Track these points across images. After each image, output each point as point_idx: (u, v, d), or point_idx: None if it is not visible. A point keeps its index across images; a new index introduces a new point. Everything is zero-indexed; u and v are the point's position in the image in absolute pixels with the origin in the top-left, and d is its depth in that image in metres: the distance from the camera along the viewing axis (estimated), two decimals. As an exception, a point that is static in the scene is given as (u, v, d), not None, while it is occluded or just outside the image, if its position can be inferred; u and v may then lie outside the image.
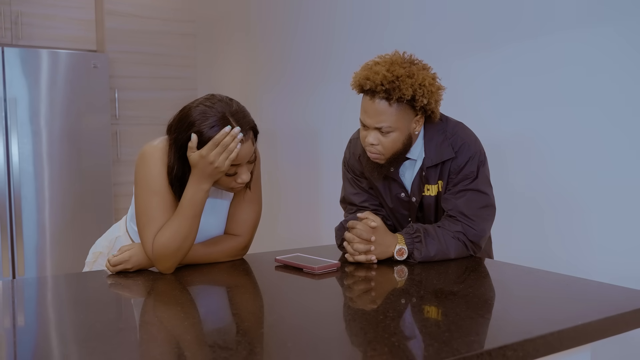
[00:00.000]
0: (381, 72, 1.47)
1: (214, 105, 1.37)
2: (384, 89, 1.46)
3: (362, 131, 1.57)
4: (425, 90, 1.48)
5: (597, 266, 1.98)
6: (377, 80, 1.46)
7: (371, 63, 1.53)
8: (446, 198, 1.59)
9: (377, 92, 1.48)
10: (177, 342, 0.97)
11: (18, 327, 1.05)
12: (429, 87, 1.49)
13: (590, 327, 1.04)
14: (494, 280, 1.38)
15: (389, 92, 1.46)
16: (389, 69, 1.48)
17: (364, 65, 1.54)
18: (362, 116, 1.54)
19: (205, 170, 1.36)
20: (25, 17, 3.99)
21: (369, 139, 1.54)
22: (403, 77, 1.46)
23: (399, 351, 0.89)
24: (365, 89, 1.50)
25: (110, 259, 1.42)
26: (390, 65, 1.49)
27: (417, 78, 1.47)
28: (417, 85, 1.47)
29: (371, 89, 1.48)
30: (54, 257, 3.87)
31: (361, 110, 1.54)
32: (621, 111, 1.89)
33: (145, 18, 4.34)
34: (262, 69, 4.00)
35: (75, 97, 3.89)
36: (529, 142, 2.19)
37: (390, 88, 1.46)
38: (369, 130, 1.53)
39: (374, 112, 1.50)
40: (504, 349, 0.91)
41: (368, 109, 1.51)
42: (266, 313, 1.13)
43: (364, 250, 1.51)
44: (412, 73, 1.47)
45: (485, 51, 2.35)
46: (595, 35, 1.95)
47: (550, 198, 2.13)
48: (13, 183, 3.70)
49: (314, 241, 3.46)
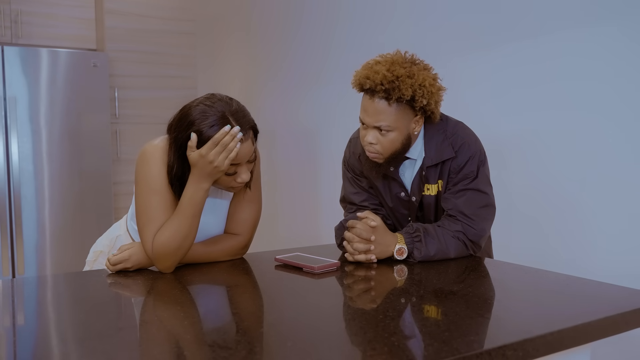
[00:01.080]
0: (381, 72, 1.47)
1: (213, 105, 1.37)
2: (384, 88, 1.46)
3: (361, 130, 1.57)
4: (425, 91, 1.48)
5: (597, 266, 1.98)
6: (377, 80, 1.46)
7: (372, 62, 1.53)
8: (446, 197, 1.59)
9: (376, 92, 1.48)
10: (176, 341, 0.97)
11: (18, 326, 1.05)
12: (429, 88, 1.49)
13: (590, 326, 1.04)
14: (493, 280, 1.38)
15: (388, 92, 1.46)
16: (390, 68, 1.48)
17: (364, 64, 1.54)
18: (361, 115, 1.54)
19: (205, 170, 1.36)
20: (25, 16, 3.98)
21: (367, 138, 1.54)
22: (403, 77, 1.46)
23: (399, 351, 0.89)
24: (365, 88, 1.50)
25: (110, 258, 1.42)
26: (390, 65, 1.49)
27: (417, 78, 1.47)
28: (417, 85, 1.47)
29: (371, 88, 1.48)
30: (54, 256, 3.87)
31: (361, 109, 1.54)
32: (622, 111, 1.89)
33: (145, 17, 4.34)
34: (262, 68, 4.00)
35: (75, 96, 3.89)
36: (529, 142, 2.19)
37: (390, 88, 1.46)
38: (368, 129, 1.54)
39: (373, 111, 1.50)
40: (503, 349, 0.91)
41: (367, 108, 1.51)
42: (266, 312, 1.13)
43: (364, 249, 1.51)
44: (413, 73, 1.47)
45: (485, 50, 2.35)
46: (596, 35, 1.95)
47: (550, 198, 2.13)
48: (13, 182, 3.70)
49: (314, 240, 3.46)
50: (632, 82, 1.86)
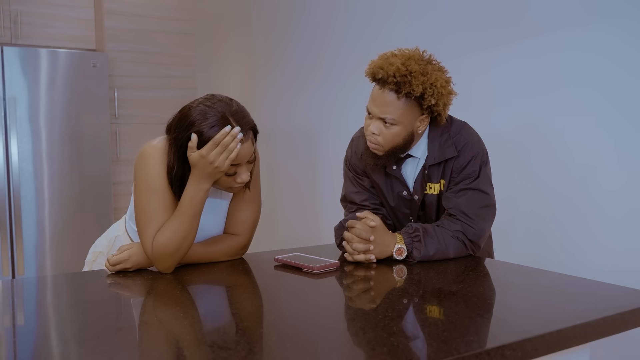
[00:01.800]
0: (395, 64, 1.48)
1: (213, 105, 1.38)
2: (395, 81, 1.47)
3: (366, 119, 1.58)
4: (435, 91, 1.48)
5: (597, 265, 1.98)
6: (390, 71, 1.47)
7: (389, 54, 1.54)
8: (447, 196, 1.60)
9: (387, 83, 1.48)
10: (176, 341, 0.97)
11: (17, 326, 1.05)
12: (440, 89, 1.49)
13: (589, 326, 1.04)
14: (493, 280, 1.38)
15: (399, 85, 1.47)
16: (405, 62, 1.49)
17: (381, 55, 1.55)
18: (369, 104, 1.55)
19: (205, 170, 1.36)
20: (24, 17, 3.98)
21: (371, 127, 1.54)
22: (416, 73, 1.47)
23: (398, 351, 0.89)
24: (377, 78, 1.51)
25: (109, 258, 1.42)
26: (406, 59, 1.50)
27: (429, 77, 1.48)
28: (428, 84, 1.47)
29: (383, 78, 1.49)
30: (54, 256, 3.87)
31: (370, 97, 1.55)
32: (624, 110, 1.89)
33: (144, 17, 4.34)
34: (261, 68, 4.00)
35: (74, 97, 3.89)
36: (530, 142, 2.19)
37: (401, 81, 1.47)
38: (373, 119, 1.54)
39: (381, 102, 1.51)
40: (502, 349, 0.91)
41: (376, 98, 1.52)
42: (265, 313, 1.13)
43: (363, 249, 1.51)
44: (426, 71, 1.48)
45: (487, 49, 2.35)
46: (602, 34, 1.95)
47: (551, 198, 2.13)
48: (12, 182, 3.70)
49: (313, 240, 3.46)
50: (635, 80, 1.86)
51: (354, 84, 3.07)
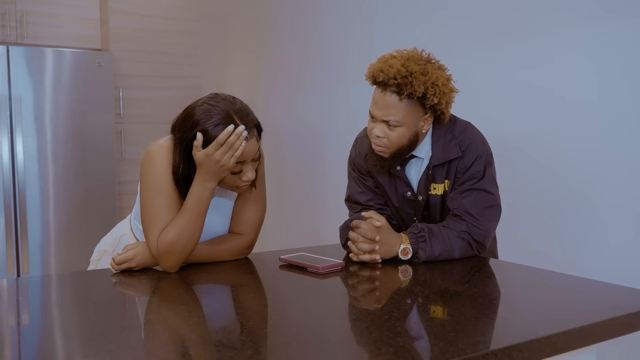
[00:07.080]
0: (395, 66, 1.47)
1: (217, 104, 1.38)
2: (396, 83, 1.46)
3: (369, 122, 1.57)
4: (437, 90, 1.48)
5: (603, 266, 1.97)
6: (390, 74, 1.47)
7: (388, 56, 1.54)
8: (452, 197, 1.59)
9: (388, 85, 1.48)
10: (181, 341, 0.96)
11: (22, 325, 1.05)
12: (442, 88, 1.49)
13: (596, 327, 1.03)
14: (499, 281, 1.38)
15: (400, 87, 1.47)
16: (404, 64, 1.48)
17: (380, 58, 1.55)
18: (371, 107, 1.55)
19: (211, 169, 1.36)
20: (30, 16, 3.99)
21: (375, 130, 1.54)
22: (416, 73, 1.46)
23: (404, 351, 0.89)
24: (377, 81, 1.51)
25: (114, 257, 1.42)
26: (405, 60, 1.49)
27: (430, 76, 1.47)
28: (429, 83, 1.47)
29: (383, 81, 1.49)
30: (59, 255, 3.88)
31: (372, 101, 1.55)
32: (629, 109, 1.88)
33: (149, 17, 4.34)
34: (266, 68, 4.00)
35: (79, 96, 3.90)
36: (535, 142, 2.18)
37: (403, 83, 1.46)
38: (377, 122, 1.54)
39: (383, 104, 1.50)
40: (509, 350, 0.91)
41: (378, 101, 1.52)
42: (270, 312, 1.13)
43: (368, 249, 1.51)
44: (427, 71, 1.48)
45: (492, 49, 2.34)
46: (605, 35, 1.94)
47: (556, 198, 2.12)
48: (18, 181, 3.71)
49: (318, 240, 3.46)
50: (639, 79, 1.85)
51: (359, 83, 3.07)
